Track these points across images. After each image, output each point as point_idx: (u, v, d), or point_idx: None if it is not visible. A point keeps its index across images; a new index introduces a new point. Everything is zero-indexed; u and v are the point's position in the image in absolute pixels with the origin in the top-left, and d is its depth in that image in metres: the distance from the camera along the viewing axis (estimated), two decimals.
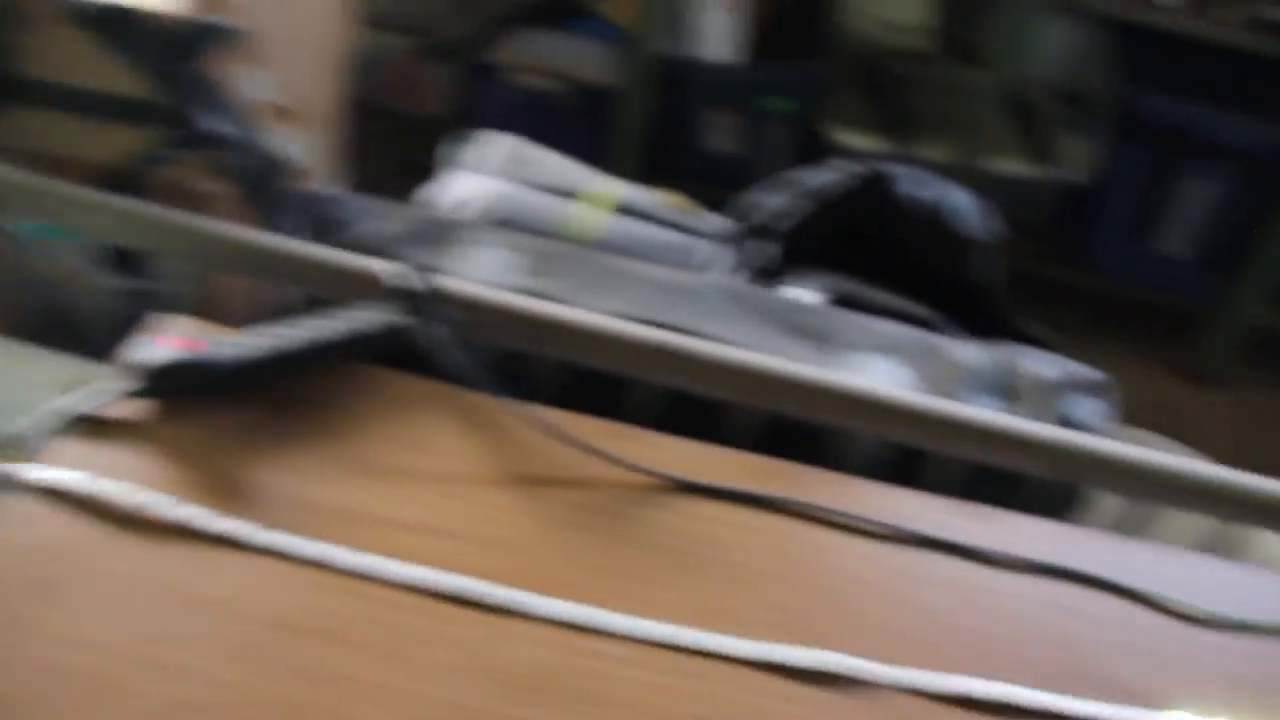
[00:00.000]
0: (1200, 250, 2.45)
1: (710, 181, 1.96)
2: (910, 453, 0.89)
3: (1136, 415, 2.32)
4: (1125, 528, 0.95)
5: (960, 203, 1.15)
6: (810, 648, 0.69)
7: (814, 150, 2.29)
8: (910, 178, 1.16)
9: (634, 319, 0.91)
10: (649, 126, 2.29)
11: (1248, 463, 1.05)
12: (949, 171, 2.21)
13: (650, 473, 0.78)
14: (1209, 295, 2.47)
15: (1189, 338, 2.53)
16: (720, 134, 2.33)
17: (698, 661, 0.68)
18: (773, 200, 1.18)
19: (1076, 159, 2.49)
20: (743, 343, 0.91)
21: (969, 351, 0.96)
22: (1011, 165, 2.43)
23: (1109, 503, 0.95)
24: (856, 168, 1.14)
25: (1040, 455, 0.85)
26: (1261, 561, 1.06)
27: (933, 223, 1.14)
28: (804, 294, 1.09)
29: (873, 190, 1.16)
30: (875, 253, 1.18)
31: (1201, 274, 2.47)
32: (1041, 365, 0.96)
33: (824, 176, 1.15)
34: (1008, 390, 0.92)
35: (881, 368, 0.92)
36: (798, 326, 0.96)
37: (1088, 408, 0.93)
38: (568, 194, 1.26)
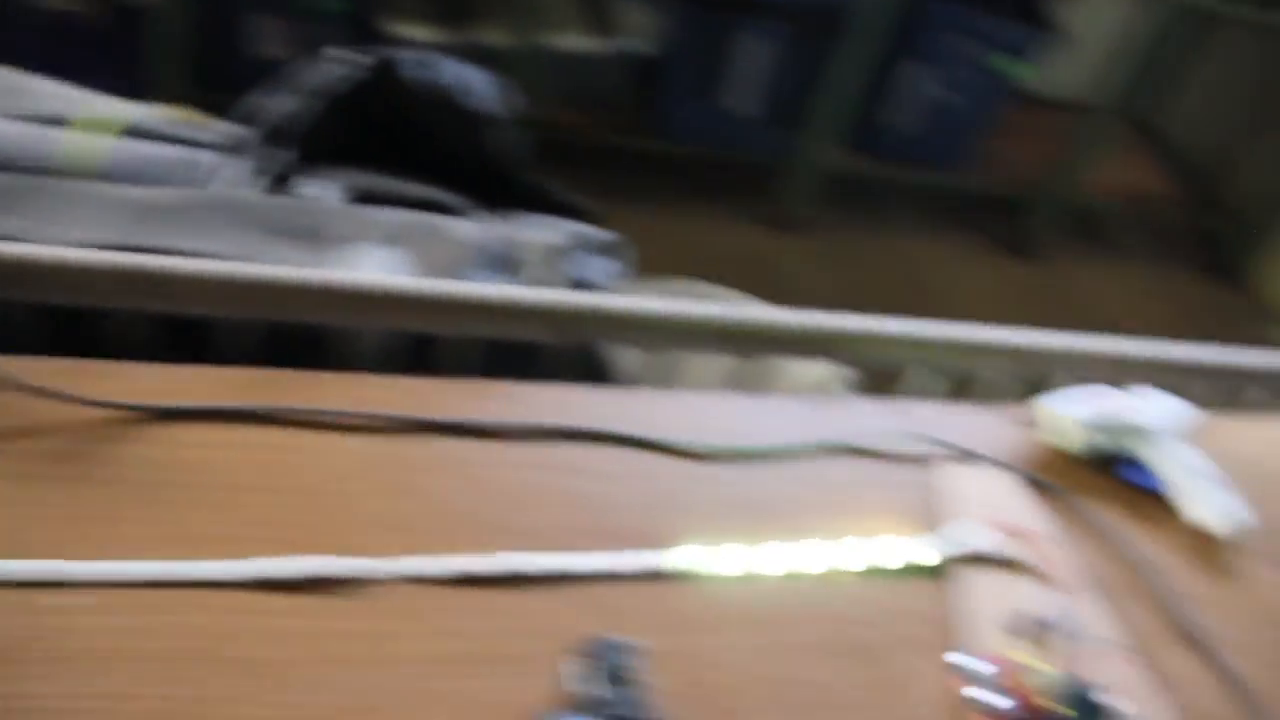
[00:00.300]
0: (767, 105, 2.55)
1: None
2: (423, 340, 0.87)
3: (730, 269, 2.42)
4: (653, 379, 0.97)
5: (471, 81, 1.13)
6: (302, 556, 0.66)
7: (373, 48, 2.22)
8: (417, 61, 1.13)
9: (103, 246, 0.84)
10: (191, 41, 2.15)
11: (836, 298, 1.10)
12: (512, 54, 2.20)
13: (118, 405, 0.73)
14: (781, 147, 2.58)
15: (770, 190, 2.64)
16: (272, 41, 2.23)
17: (179, 594, 0.64)
18: (280, 102, 1.12)
19: (640, 28, 2.52)
20: (229, 254, 0.86)
21: (471, 229, 0.94)
22: (576, 41, 2.44)
23: (634, 358, 0.97)
24: (360, 57, 1.10)
25: (543, 320, 0.85)
26: (788, 388, 1.11)
27: (445, 104, 1.12)
28: (322, 194, 1.05)
29: (383, 79, 1.12)
30: (397, 142, 1.15)
31: (771, 128, 2.57)
32: (549, 233, 0.96)
33: (329, 71, 1.10)
34: (511, 262, 0.91)
35: (379, 257, 0.89)
36: (293, 229, 0.92)
37: (597, 267, 0.94)
38: (61, 122, 1.16)
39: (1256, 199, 3.03)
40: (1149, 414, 0.94)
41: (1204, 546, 0.89)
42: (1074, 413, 0.92)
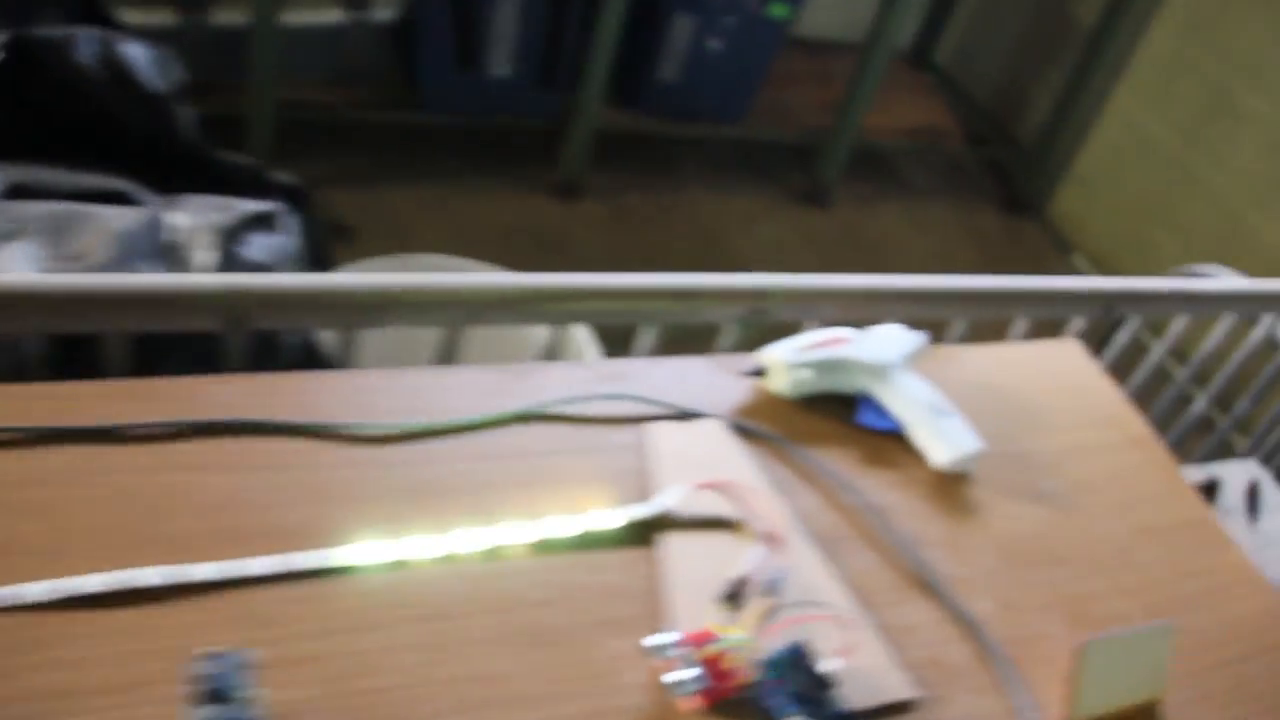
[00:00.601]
0: (532, 68, 2.47)
1: None
2: (71, 340, 0.78)
3: (516, 242, 2.35)
4: (374, 360, 0.89)
5: (138, 58, 1.03)
6: None
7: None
8: (86, 38, 1.03)
9: None
10: None
11: (631, 263, 1.04)
12: (256, 34, 2.07)
13: None
14: (553, 111, 2.51)
15: (549, 156, 2.57)
16: None
17: None
18: None
19: None
20: None
21: (127, 217, 0.85)
22: (321, 15, 2.32)
23: (332, 339, 0.89)
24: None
25: (197, 308, 0.77)
26: (522, 356, 1.05)
27: (117, 83, 1.02)
28: None
29: (46, 60, 1.02)
30: (78, 130, 1.05)
31: (539, 91, 2.50)
32: (217, 214, 0.87)
33: None
34: (171, 248, 0.83)
35: (15, 255, 0.79)
36: None
37: (261, 245, 0.86)
38: None
39: (1042, 131, 3.07)
40: (877, 350, 0.90)
41: (940, 485, 0.86)
42: (791, 357, 0.87)
